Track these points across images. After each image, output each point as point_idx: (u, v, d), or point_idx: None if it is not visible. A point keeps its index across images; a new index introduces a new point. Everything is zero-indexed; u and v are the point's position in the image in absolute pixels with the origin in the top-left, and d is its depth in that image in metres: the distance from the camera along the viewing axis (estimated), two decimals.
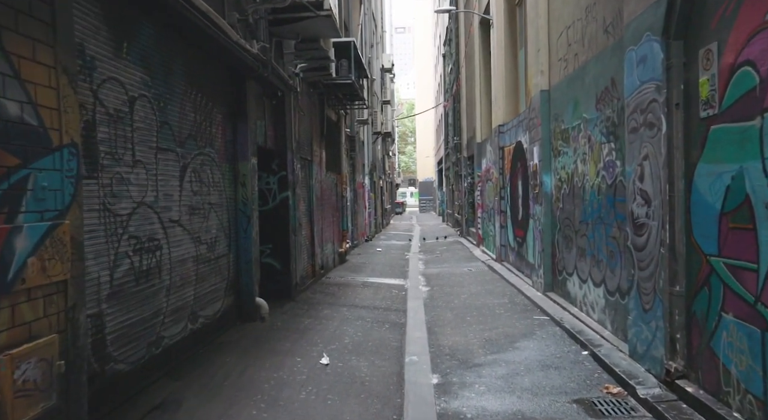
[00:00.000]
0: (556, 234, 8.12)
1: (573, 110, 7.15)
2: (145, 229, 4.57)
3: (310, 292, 9.66)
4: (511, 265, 11.70)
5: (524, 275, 10.38)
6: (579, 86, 6.87)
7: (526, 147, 10.13)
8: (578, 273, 7.09)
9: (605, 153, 6.02)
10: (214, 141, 6.28)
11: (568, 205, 7.50)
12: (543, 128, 8.45)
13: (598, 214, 6.25)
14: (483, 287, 10.22)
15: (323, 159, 11.87)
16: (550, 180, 8.36)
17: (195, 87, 5.76)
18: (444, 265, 14.00)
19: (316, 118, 11.17)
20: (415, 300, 9.23)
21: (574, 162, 7.15)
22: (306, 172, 10.37)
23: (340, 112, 14.09)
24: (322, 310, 8.12)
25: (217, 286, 6.30)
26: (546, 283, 8.48)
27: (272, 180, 8.52)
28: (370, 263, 14.21)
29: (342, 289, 10.15)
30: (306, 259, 10.10)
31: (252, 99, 7.15)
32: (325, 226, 12.20)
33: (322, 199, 11.79)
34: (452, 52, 25.00)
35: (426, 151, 62.42)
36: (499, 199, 12.74)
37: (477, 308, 8.31)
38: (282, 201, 8.55)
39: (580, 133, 6.90)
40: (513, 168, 11.43)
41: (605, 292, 6.08)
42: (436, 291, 10.05)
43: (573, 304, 7.31)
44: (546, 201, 8.46)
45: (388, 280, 11.36)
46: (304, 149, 10.03)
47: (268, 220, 8.49)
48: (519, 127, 10.77)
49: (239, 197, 6.94)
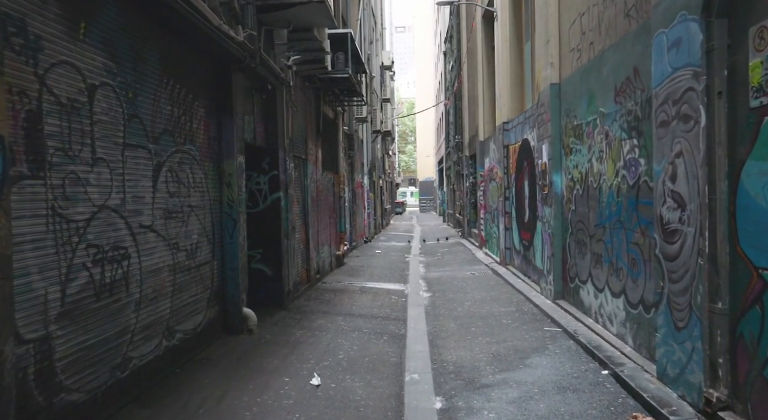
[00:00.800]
0: (568, 238, 7.55)
1: (588, 104, 6.59)
2: (108, 236, 4.00)
3: (304, 299, 9.09)
4: (517, 270, 11.14)
5: (531, 281, 9.81)
6: (595, 78, 6.30)
7: (533, 145, 9.56)
8: (593, 281, 6.52)
9: (626, 150, 5.45)
10: (195, 137, 5.72)
11: (581, 208, 6.93)
12: (553, 124, 7.89)
13: (618, 218, 5.68)
14: (488, 293, 9.65)
15: (319, 158, 11.30)
16: (561, 180, 7.80)
17: (172, 77, 5.20)
18: (446, 268, 13.44)
19: (312, 115, 10.61)
20: (416, 308, 8.66)
21: (589, 160, 6.59)
22: (300, 172, 9.80)
23: (337, 109, 13.52)
24: (315, 320, 7.55)
25: (198, 297, 5.73)
26: (556, 291, 7.91)
27: (263, 180, 7.95)
28: (369, 266, 13.64)
29: (338, 295, 9.58)
30: (300, 264, 9.53)
31: (239, 92, 6.59)
32: (322, 228, 11.64)
33: (318, 199, 11.23)
34: (453, 49, 24.43)
35: (426, 150, 61.89)
36: (503, 200, 12.17)
37: (482, 317, 7.75)
38: (273, 202, 7.98)
39: (595, 129, 6.33)
40: (519, 167, 10.86)
41: (626, 304, 5.51)
42: (438, 297, 9.48)
43: (587, 315, 6.74)
44: (556, 202, 7.89)
45: (388, 285, 10.79)
46: (298, 147, 9.46)
47: (259, 223, 7.93)
48: (525, 124, 10.20)
49: (224, 199, 6.38)
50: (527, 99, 11.29)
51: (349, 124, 16.73)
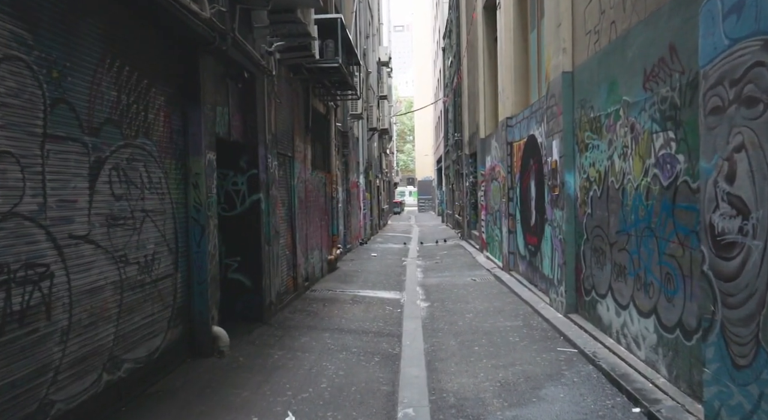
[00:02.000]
0: (582, 245, 6.72)
1: (608, 93, 5.76)
2: (16, 251, 3.16)
3: (288, 311, 8.24)
4: (522, 276, 10.31)
5: (539, 290, 8.98)
6: (617, 62, 5.47)
7: (540, 141, 8.73)
8: (614, 295, 5.69)
9: (658, 145, 4.62)
10: (151, 129, 4.88)
11: (599, 211, 6.10)
12: (565, 118, 7.06)
13: (647, 224, 4.85)
14: (491, 303, 8.82)
15: (308, 156, 10.46)
16: (574, 180, 6.97)
17: (120, 57, 4.36)
18: (445, 273, 12.61)
19: (299, 109, 9.77)
20: (413, 320, 7.83)
21: (609, 158, 5.76)
22: (286, 171, 8.96)
23: (329, 104, 12.67)
24: (299, 338, 6.71)
25: (156, 317, 4.89)
26: (568, 303, 7.08)
27: (240, 179, 7.11)
28: (363, 271, 12.81)
29: (327, 306, 8.74)
30: (285, 272, 8.69)
31: (209, 79, 5.75)
32: (312, 232, 10.80)
33: (308, 201, 10.39)
34: (453, 44, 23.59)
35: (425, 149, 61.08)
36: (506, 201, 11.34)
37: (486, 333, 6.92)
38: (252, 205, 7.14)
39: (618, 122, 5.50)
40: (524, 166, 10.03)
41: (658, 326, 4.68)
42: (437, 308, 8.65)
43: (607, 334, 5.91)
44: (569, 205, 7.06)
45: (382, 294, 9.96)
46: (282, 144, 8.62)
47: (236, 228, 7.09)
48: (531, 119, 9.37)
49: (191, 202, 5.54)
50: (533, 92, 10.46)
51: (343, 121, 15.88)
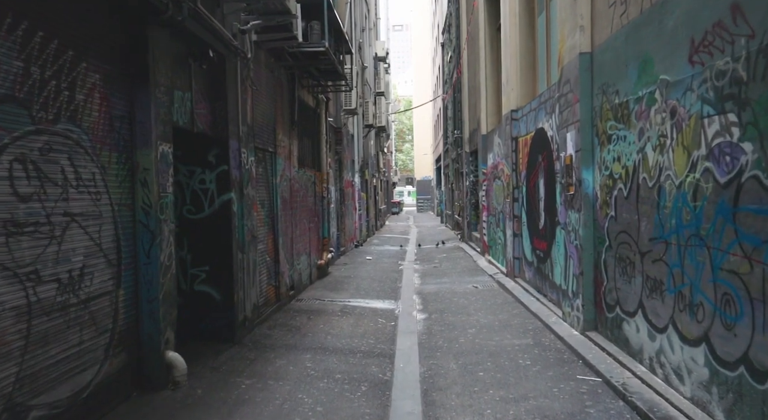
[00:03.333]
0: (604, 253, 5.79)
1: (639, 73, 4.83)
2: None
3: (267, 326, 7.30)
4: (528, 284, 9.38)
5: (548, 300, 8.06)
6: (652, 34, 4.54)
7: (551, 135, 7.80)
8: (647, 314, 4.76)
9: (713, 132, 3.69)
10: (81, 114, 3.94)
11: (626, 214, 5.18)
12: (582, 106, 6.13)
13: (695, 231, 3.93)
14: (495, 316, 7.89)
15: (294, 152, 9.53)
16: (594, 177, 6.04)
17: (30, 18, 3.43)
18: (444, 279, 11.68)
19: (283, 100, 8.83)
20: (408, 336, 6.91)
21: (640, 150, 4.83)
22: (267, 168, 8.02)
23: (319, 97, 11.74)
24: (274, 361, 5.77)
25: (86, 346, 3.96)
26: (586, 320, 6.16)
27: (209, 177, 6.18)
28: (356, 277, 11.87)
29: (313, 319, 7.81)
30: (265, 281, 7.76)
31: (162, 57, 4.81)
32: (298, 235, 9.86)
33: (293, 201, 9.45)
34: (452, 38, 22.66)
35: (424, 148, 60.18)
36: (511, 201, 10.41)
37: (492, 354, 6.00)
38: (223, 206, 6.21)
39: (652, 106, 4.57)
40: (531, 163, 9.11)
41: (711, 358, 3.75)
42: (435, 320, 7.72)
43: (637, 360, 4.98)
44: (586, 206, 6.14)
45: (375, 303, 9.03)
46: (262, 137, 7.69)
47: (204, 233, 6.16)
48: (540, 111, 8.45)
49: (138, 203, 4.60)
50: (540, 82, 9.53)
51: (336, 117, 14.94)
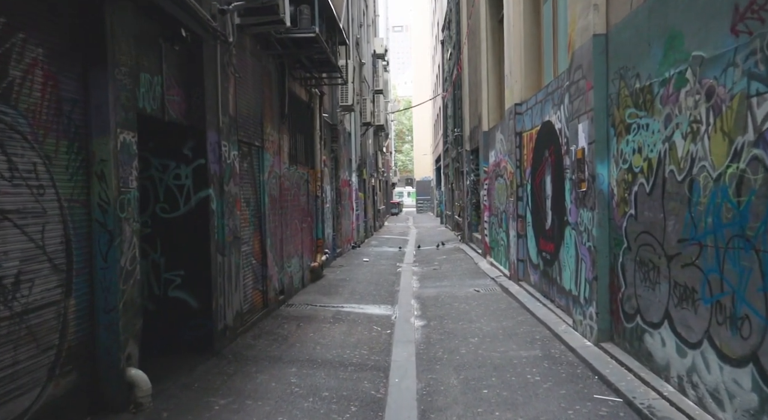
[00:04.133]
0: (621, 255, 5.22)
1: (665, 51, 4.25)
2: None
3: (251, 335, 6.72)
4: (534, 288, 8.80)
5: (556, 306, 7.48)
6: (681, 6, 3.96)
7: (559, 128, 7.23)
8: (675, 327, 4.19)
9: (763, 113, 3.12)
10: (15, 93, 3.36)
11: (649, 212, 4.60)
12: (596, 94, 5.56)
13: (739, 231, 3.35)
14: (499, 323, 7.32)
15: (285, 147, 8.95)
16: (609, 172, 5.47)
17: None
18: (444, 282, 11.10)
19: (272, 92, 8.26)
20: (405, 346, 6.34)
21: (667, 139, 4.26)
22: (253, 163, 7.45)
23: (312, 91, 11.16)
24: (255, 376, 5.19)
25: (24, 366, 3.38)
26: (600, 329, 5.58)
27: (184, 172, 5.60)
28: (352, 280, 11.29)
29: (302, 326, 7.23)
30: (250, 286, 7.18)
31: (123, 33, 4.23)
32: (289, 236, 9.29)
33: (283, 200, 8.88)
34: (452, 35, 22.10)
35: (423, 148, 59.63)
36: (515, 201, 9.83)
37: (497, 367, 5.42)
38: (200, 204, 5.63)
39: (683, 87, 3.99)
40: (537, 159, 8.53)
41: (761, 382, 3.17)
42: (434, 328, 7.15)
43: (662, 377, 4.40)
44: (601, 204, 5.56)
45: (370, 309, 8.45)
46: (248, 130, 7.11)
47: (179, 234, 5.59)
48: (546, 103, 7.88)
49: (94, 199, 4.02)
50: (546, 73, 8.97)
51: (331, 113, 14.38)
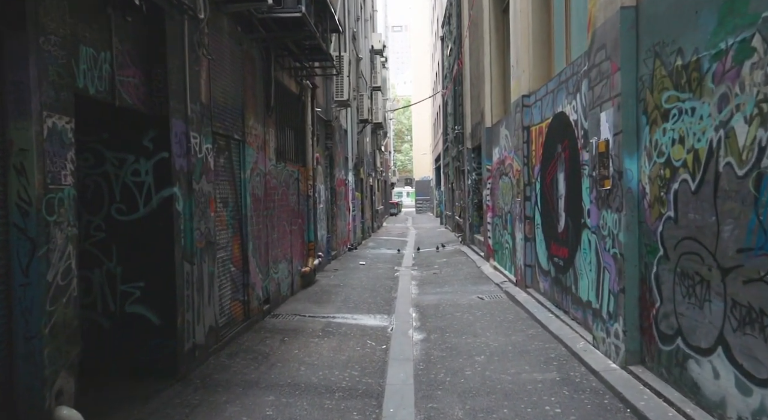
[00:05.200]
0: (656, 265, 4.43)
1: (721, 18, 3.47)
2: None
3: (227, 353, 5.92)
4: (543, 297, 8.02)
5: (571, 319, 6.69)
6: None
7: (574, 119, 6.45)
8: (734, 355, 3.40)
9: None
10: None
11: (695, 213, 3.82)
12: (623, 76, 4.77)
13: None
14: (508, 337, 6.53)
15: (271, 142, 8.16)
16: (639, 167, 4.68)
17: None
18: (444, 288, 10.32)
19: (256, 80, 7.47)
20: (401, 366, 5.55)
21: (722, 125, 3.47)
22: (232, 159, 6.66)
23: (303, 83, 10.38)
24: (224, 408, 4.39)
25: None
26: (629, 350, 4.79)
27: (144, 167, 4.80)
28: (346, 286, 10.51)
29: (287, 342, 6.43)
30: (228, 296, 6.38)
31: None
32: (277, 240, 8.50)
33: (269, 200, 8.09)
34: (452, 29, 21.32)
35: (423, 148, 58.83)
36: (522, 201, 9.05)
37: (508, 395, 4.63)
38: (163, 204, 4.83)
39: (747, 59, 3.19)
40: (547, 155, 7.75)
41: None
42: (435, 342, 6.36)
43: (715, 416, 3.60)
44: (629, 204, 4.77)
45: (365, 319, 7.67)
46: (225, 121, 6.32)
47: (138, 239, 4.79)
48: (559, 92, 7.09)
49: (12, 198, 3.23)
50: (557, 60, 8.19)
51: (326, 108, 13.59)
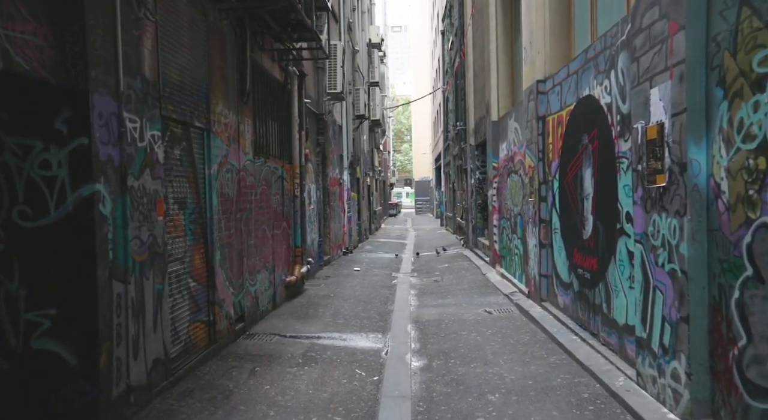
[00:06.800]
0: (739, 288, 3.27)
1: None
2: None
3: (179, 391, 4.74)
4: (563, 313, 6.87)
5: (601, 343, 5.53)
6: None
7: (607, 102, 5.31)
8: None
9: None
10: None
11: None
12: (687, 36, 3.61)
13: None
14: (526, 367, 5.37)
15: (246, 133, 7.01)
16: (711, 157, 3.53)
17: None
18: (447, 299, 9.18)
19: (227, 59, 6.32)
20: (396, 407, 4.40)
21: None
22: (192, 150, 5.50)
23: (289, 69, 9.22)
24: None
25: None
26: (696, 399, 3.63)
27: (56, 156, 3.64)
28: (337, 297, 9.35)
29: (258, 373, 5.27)
30: (186, 318, 5.21)
31: None
32: (254, 246, 7.34)
33: (244, 200, 6.93)
34: (453, 21, 20.18)
35: (423, 147, 57.71)
36: (536, 201, 7.90)
37: None
38: (82, 205, 3.67)
39: None
40: (569, 147, 6.60)
41: None
42: (438, 373, 5.20)
43: None
44: (695, 207, 3.62)
45: (355, 340, 6.52)
46: (182, 104, 5.16)
47: (48, 251, 3.64)
48: (586, 72, 5.95)
49: None
50: (578, 38, 7.06)
51: (317, 101, 12.43)
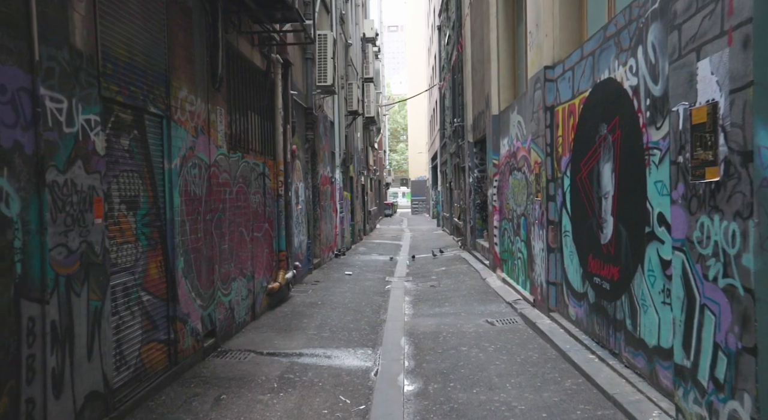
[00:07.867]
0: None
1: None
2: None
3: None
4: (575, 326, 6.09)
5: (624, 365, 4.74)
6: None
7: (633, 85, 4.54)
8: None
9: None
10: None
11: None
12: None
13: None
14: (537, 393, 4.59)
15: (218, 124, 6.21)
16: None
17: None
18: (445, 307, 8.40)
19: (193, 38, 5.52)
20: None
21: None
22: (147, 140, 4.69)
23: (272, 56, 8.42)
24: None
25: None
26: None
27: None
28: (326, 304, 8.56)
29: (223, 403, 4.46)
30: (138, 339, 4.41)
31: None
32: (229, 251, 6.54)
33: (215, 200, 6.13)
34: (451, 15, 19.42)
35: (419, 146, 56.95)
36: (543, 201, 7.13)
37: None
38: None
39: None
40: (584, 140, 5.82)
41: None
42: (436, 401, 4.39)
43: None
44: (765, 208, 2.84)
45: (341, 357, 5.72)
46: (131, 85, 4.35)
47: None
48: (604, 53, 5.18)
49: None
50: (591, 17, 6.30)
51: (306, 94, 11.63)
